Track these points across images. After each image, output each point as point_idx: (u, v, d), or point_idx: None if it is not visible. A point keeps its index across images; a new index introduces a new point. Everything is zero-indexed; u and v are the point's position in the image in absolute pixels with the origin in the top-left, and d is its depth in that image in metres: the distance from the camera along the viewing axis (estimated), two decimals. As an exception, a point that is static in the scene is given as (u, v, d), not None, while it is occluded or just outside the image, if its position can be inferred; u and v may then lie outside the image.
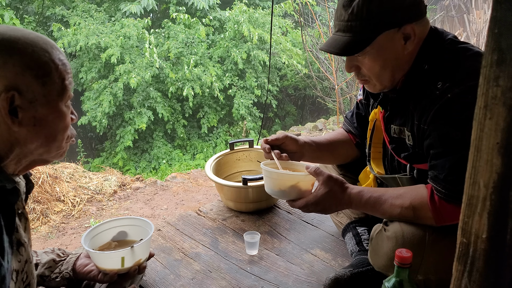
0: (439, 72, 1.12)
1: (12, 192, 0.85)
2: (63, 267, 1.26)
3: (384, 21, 1.11)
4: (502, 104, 0.52)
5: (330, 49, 1.18)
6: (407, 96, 1.20)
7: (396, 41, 1.13)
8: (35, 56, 0.85)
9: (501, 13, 0.51)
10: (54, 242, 2.82)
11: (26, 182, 0.98)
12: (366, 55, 1.15)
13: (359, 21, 1.12)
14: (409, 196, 1.18)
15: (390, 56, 1.15)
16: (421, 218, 1.17)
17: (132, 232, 1.46)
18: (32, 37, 0.86)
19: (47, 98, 0.87)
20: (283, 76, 7.85)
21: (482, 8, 7.72)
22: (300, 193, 1.27)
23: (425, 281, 1.19)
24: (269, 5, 8.40)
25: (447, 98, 1.07)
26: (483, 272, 0.57)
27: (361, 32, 1.12)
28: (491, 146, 0.54)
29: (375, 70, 1.18)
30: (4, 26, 0.86)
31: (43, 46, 0.87)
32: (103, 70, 6.72)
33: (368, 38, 1.12)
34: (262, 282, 1.48)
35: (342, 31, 1.16)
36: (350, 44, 1.14)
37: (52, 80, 0.87)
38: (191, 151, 6.84)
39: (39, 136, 0.88)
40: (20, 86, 0.83)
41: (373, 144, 1.40)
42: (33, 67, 0.84)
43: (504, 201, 0.54)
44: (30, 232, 0.99)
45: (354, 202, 1.24)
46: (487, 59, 0.53)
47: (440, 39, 1.17)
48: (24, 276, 0.94)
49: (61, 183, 3.36)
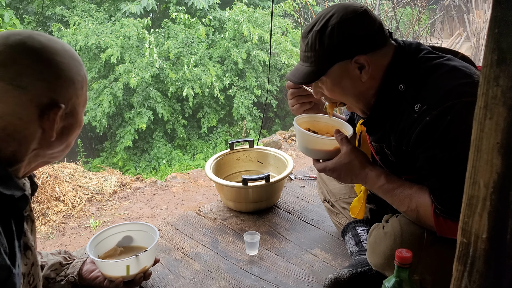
0: (415, 93, 1.12)
1: (21, 199, 0.85)
2: (68, 271, 1.27)
3: (335, 53, 1.14)
4: (502, 104, 0.52)
5: (292, 77, 1.24)
6: (381, 115, 1.21)
7: (350, 71, 1.16)
8: (76, 71, 0.89)
9: (501, 13, 0.51)
10: (54, 242, 2.82)
11: (31, 183, 0.98)
12: (324, 83, 1.20)
13: (313, 52, 1.16)
14: (416, 200, 1.18)
15: (347, 85, 1.18)
16: (423, 224, 1.18)
17: (137, 237, 1.46)
18: (68, 50, 0.89)
19: (77, 110, 0.91)
20: (283, 76, 7.84)
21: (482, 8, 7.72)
22: (326, 155, 1.31)
23: (422, 281, 1.19)
24: (269, 5, 8.40)
25: (426, 121, 1.07)
26: (483, 272, 0.57)
27: (316, 62, 1.17)
28: (491, 146, 0.54)
29: (336, 96, 1.22)
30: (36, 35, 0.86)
31: (77, 59, 0.91)
32: (103, 70, 6.72)
33: (323, 68, 1.16)
34: (262, 282, 1.48)
35: (302, 60, 1.21)
36: (307, 74, 1.19)
37: (82, 92, 0.91)
38: (191, 151, 6.83)
39: (62, 143, 0.91)
40: (64, 99, 0.86)
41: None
42: (75, 82, 0.88)
43: (504, 201, 0.54)
44: (35, 234, 1.00)
45: (369, 182, 1.25)
46: (487, 59, 0.53)
47: (412, 58, 1.17)
48: (31, 279, 0.95)
49: (61, 183, 3.36)
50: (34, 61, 0.82)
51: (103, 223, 3.05)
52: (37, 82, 0.82)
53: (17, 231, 0.83)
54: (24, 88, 0.81)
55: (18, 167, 0.87)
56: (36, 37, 0.85)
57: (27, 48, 0.82)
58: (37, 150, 0.88)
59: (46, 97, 0.83)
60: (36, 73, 0.82)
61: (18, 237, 0.83)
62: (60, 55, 0.86)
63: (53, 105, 0.84)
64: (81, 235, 2.90)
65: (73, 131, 0.92)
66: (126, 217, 3.14)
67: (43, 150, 0.89)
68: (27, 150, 0.86)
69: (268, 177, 1.80)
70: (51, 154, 0.92)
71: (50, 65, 0.84)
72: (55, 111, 0.84)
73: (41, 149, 0.88)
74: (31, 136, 0.85)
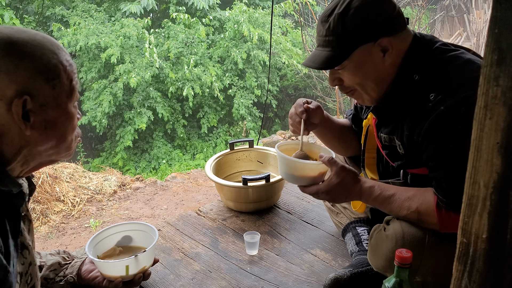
0: (431, 83, 1.12)
1: (17, 195, 0.84)
2: (67, 271, 1.27)
3: (359, 36, 1.13)
4: (502, 104, 0.52)
5: (311, 64, 1.21)
6: (395, 105, 1.20)
7: (374, 55, 1.15)
8: (44, 59, 0.84)
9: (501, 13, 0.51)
10: (54, 242, 2.82)
11: (28, 184, 0.98)
12: (345, 69, 1.18)
13: (336, 36, 1.14)
14: (417, 200, 1.18)
15: (369, 69, 1.16)
16: (425, 223, 1.18)
17: (136, 237, 1.46)
18: (38, 39, 0.85)
19: (57, 101, 0.87)
20: (283, 76, 7.84)
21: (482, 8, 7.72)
22: (312, 180, 1.28)
23: (423, 282, 1.19)
24: (269, 5, 8.40)
25: (440, 111, 1.07)
26: (483, 272, 0.57)
27: (338, 46, 1.15)
28: (491, 146, 0.54)
29: (356, 82, 1.19)
30: (7, 28, 0.84)
31: (50, 48, 0.86)
32: (103, 70, 6.72)
33: (345, 52, 1.14)
34: (262, 282, 1.48)
35: (322, 46, 1.18)
36: (329, 59, 1.16)
37: (61, 82, 0.87)
38: (191, 151, 6.83)
39: (50, 138, 0.88)
40: (31, 90, 0.82)
41: (367, 149, 1.41)
42: (44, 71, 0.84)
43: (504, 201, 0.54)
44: (33, 234, 1.00)
45: (364, 195, 1.25)
46: (487, 59, 0.53)
47: (428, 48, 1.17)
48: (29, 278, 0.94)
49: (61, 183, 3.36)
50: None
51: (103, 223, 3.05)
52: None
53: (12, 229, 0.82)
54: None
55: (12, 167, 0.86)
56: (1, 30, 0.82)
57: None
58: (26, 147, 0.85)
59: (9, 89, 0.80)
60: None
61: (13, 236, 0.82)
62: (23, 44, 0.82)
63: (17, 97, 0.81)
64: (81, 235, 2.90)
65: (61, 125, 0.88)
66: (126, 217, 3.14)
67: (34, 147, 0.86)
68: (13, 148, 0.84)
69: (268, 177, 1.80)
70: (45, 151, 0.89)
71: (8, 55, 0.80)
72: (16, 103, 0.80)
73: (30, 146, 0.85)
74: (9, 133, 0.82)
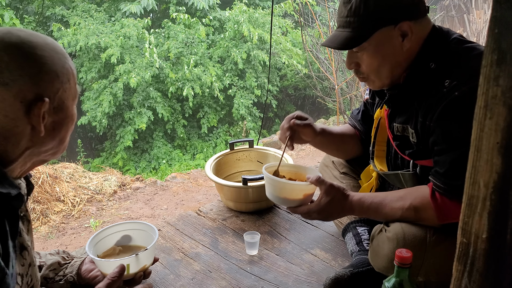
0: (447, 71, 1.13)
1: (16, 197, 0.84)
2: (67, 270, 1.27)
3: (380, 18, 1.14)
4: (502, 104, 0.52)
5: (330, 44, 1.22)
6: (411, 93, 1.21)
7: (393, 38, 1.16)
8: (60, 64, 0.87)
9: (501, 13, 0.51)
10: (54, 242, 2.82)
11: (27, 183, 0.98)
12: (364, 51, 1.19)
13: (357, 17, 1.15)
14: (409, 197, 1.19)
15: (387, 53, 1.17)
16: (423, 219, 1.18)
17: (136, 236, 1.46)
18: (50, 43, 0.88)
19: (66, 103, 0.90)
20: (283, 76, 7.84)
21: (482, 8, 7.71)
22: (301, 201, 1.30)
23: (426, 282, 1.19)
24: (269, 5, 8.40)
25: (454, 96, 1.08)
26: (483, 272, 0.57)
27: (359, 27, 1.16)
28: (491, 146, 0.54)
29: (373, 66, 1.20)
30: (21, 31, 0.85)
31: (61, 52, 0.89)
32: (103, 70, 6.72)
33: (365, 34, 1.15)
34: (262, 282, 1.48)
35: (342, 27, 1.20)
36: (348, 39, 1.17)
37: (70, 85, 0.90)
38: (191, 151, 6.83)
39: (54, 139, 0.90)
40: (49, 93, 0.85)
41: (377, 142, 1.41)
42: (60, 75, 0.87)
43: (504, 201, 0.54)
44: (32, 234, 0.99)
45: (356, 209, 1.26)
46: (487, 59, 0.53)
47: (445, 38, 1.19)
48: (29, 280, 0.94)
49: (61, 183, 3.36)
50: (14, 57, 0.81)
51: (103, 223, 3.05)
52: (19, 77, 0.81)
53: (11, 231, 0.82)
54: (7, 85, 0.80)
55: (12, 168, 0.86)
56: (15, 32, 0.84)
57: (5, 44, 0.81)
58: (31, 148, 0.87)
59: (30, 92, 0.82)
60: (17, 68, 0.81)
61: (12, 237, 0.83)
62: (41, 49, 0.84)
63: (38, 100, 0.83)
64: (81, 235, 2.90)
65: (65, 126, 0.91)
66: (126, 217, 3.14)
67: (37, 148, 0.88)
68: (19, 149, 0.85)
69: (268, 177, 1.80)
70: (45, 152, 0.91)
71: (31, 59, 0.83)
72: (39, 106, 0.83)
73: (34, 147, 0.87)
74: (21, 134, 0.84)
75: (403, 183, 1.32)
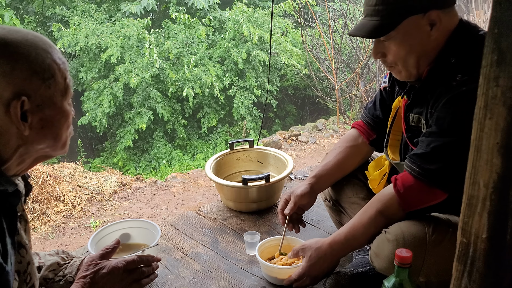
0: (462, 66, 1.13)
1: (13, 194, 0.85)
2: (67, 271, 1.26)
3: (409, 6, 1.13)
4: (502, 104, 0.52)
5: (357, 32, 1.21)
6: (430, 86, 1.21)
7: (421, 27, 1.15)
8: (39, 59, 0.85)
9: (501, 13, 0.51)
10: (54, 242, 2.82)
11: (25, 184, 0.98)
12: (391, 40, 1.18)
13: (385, 5, 1.15)
14: (372, 206, 1.23)
15: (415, 42, 1.16)
16: (391, 215, 1.21)
17: (136, 234, 1.46)
18: (31, 38, 0.85)
19: (52, 100, 0.87)
20: (283, 76, 7.84)
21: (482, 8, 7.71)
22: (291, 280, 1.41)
23: (427, 282, 1.19)
24: (269, 5, 8.40)
25: (462, 91, 1.09)
26: (483, 272, 0.57)
27: (387, 16, 1.15)
28: (491, 146, 0.54)
29: (400, 55, 1.19)
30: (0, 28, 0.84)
31: (43, 47, 0.86)
32: (103, 70, 6.71)
33: (394, 22, 1.14)
34: (262, 282, 1.48)
35: (370, 15, 1.18)
36: (376, 27, 1.16)
37: (56, 81, 0.88)
38: (191, 151, 6.83)
39: (47, 136, 0.88)
40: (28, 91, 0.83)
41: (392, 131, 1.41)
42: (39, 71, 0.84)
43: (504, 201, 0.54)
44: (30, 234, 0.99)
45: (336, 246, 1.29)
46: (487, 59, 0.53)
47: (471, 33, 1.18)
48: (28, 278, 0.94)
49: (61, 183, 3.36)
50: None
51: (103, 223, 3.05)
52: None
53: (9, 228, 0.82)
54: None
55: (8, 166, 0.86)
56: None
57: None
58: (23, 146, 0.86)
59: (6, 91, 0.81)
60: None
61: (10, 234, 0.83)
62: (16, 46, 0.82)
63: (14, 98, 0.81)
64: (81, 235, 2.90)
65: (58, 123, 0.89)
66: (126, 217, 3.14)
67: (31, 146, 0.87)
68: (10, 148, 0.84)
69: (268, 177, 1.80)
70: (43, 149, 0.89)
71: (7, 57, 0.81)
72: (15, 104, 0.81)
73: (27, 145, 0.86)
74: (8, 133, 0.83)
75: None
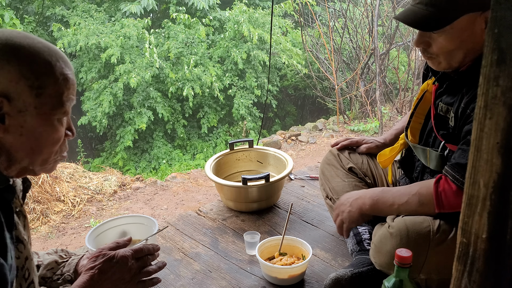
0: None
1: (6, 189, 0.85)
2: (65, 269, 1.26)
3: (470, 2, 1.09)
4: (502, 104, 0.52)
5: (407, 20, 1.15)
6: (467, 79, 1.18)
7: (477, 25, 1.11)
8: (34, 67, 0.83)
9: (501, 13, 0.51)
10: (54, 242, 2.82)
11: (23, 180, 0.97)
12: (443, 33, 1.13)
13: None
14: (417, 186, 1.23)
15: (467, 39, 1.12)
16: (424, 205, 1.20)
17: (133, 231, 1.46)
18: (38, 47, 0.84)
19: (38, 110, 0.85)
20: (283, 76, 7.84)
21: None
22: (293, 279, 1.45)
23: (427, 280, 1.19)
24: (269, 5, 8.40)
25: None
26: (483, 272, 0.57)
27: (445, 9, 1.10)
28: (491, 146, 0.54)
29: (447, 49, 1.15)
30: (12, 32, 0.85)
31: (46, 58, 0.85)
32: (103, 70, 6.71)
33: (451, 17, 1.10)
34: (262, 282, 1.48)
35: (424, 4, 1.13)
36: (430, 20, 1.11)
37: (48, 93, 0.85)
38: (191, 151, 6.83)
39: (25, 146, 0.85)
40: (11, 93, 0.81)
41: (416, 113, 1.38)
42: (29, 77, 0.83)
43: (504, 201, 0.54)
44: (29, 230, 0.99)
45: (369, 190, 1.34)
46: (487, 59, 0.53)
47: None
48: (26, 273, 0.94)
49: (61, 183, 3.36)
50: None
51: (103, 223, 3.05)
52: None
53: (7, 222, 0.82)
54: None
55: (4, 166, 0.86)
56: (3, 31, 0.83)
57: None
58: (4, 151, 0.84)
59: None
60: None
61: (8, 228, 0.83)
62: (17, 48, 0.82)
63: None
64: (81, 235, 2.90)
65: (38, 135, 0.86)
66: (126, 217, 3.14)
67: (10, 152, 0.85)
68: None
69: (268, 177, 1.80)
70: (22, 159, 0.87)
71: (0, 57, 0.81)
72: None
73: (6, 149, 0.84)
74: None
75: (427, 160, 1.32)
